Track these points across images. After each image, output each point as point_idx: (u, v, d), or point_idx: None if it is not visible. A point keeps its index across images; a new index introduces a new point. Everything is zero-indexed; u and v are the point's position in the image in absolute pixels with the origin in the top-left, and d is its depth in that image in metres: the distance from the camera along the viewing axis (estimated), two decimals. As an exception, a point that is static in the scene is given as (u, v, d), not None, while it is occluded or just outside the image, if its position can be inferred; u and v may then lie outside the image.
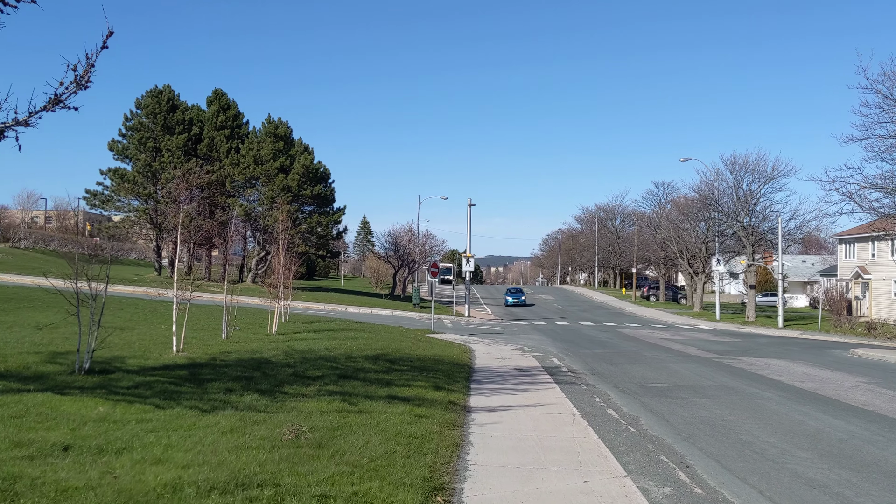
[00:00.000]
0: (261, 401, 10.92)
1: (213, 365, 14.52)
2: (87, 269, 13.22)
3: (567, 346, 28.36)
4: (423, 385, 14.00)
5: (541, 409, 12.88)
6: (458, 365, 18.53)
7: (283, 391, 11.99)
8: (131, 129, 54.41)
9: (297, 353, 17.54)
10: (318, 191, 55.92)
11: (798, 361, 24.32)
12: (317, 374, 14.18)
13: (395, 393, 12.64)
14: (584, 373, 19.71)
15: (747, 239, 50.04)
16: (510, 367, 19.55)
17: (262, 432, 8.75)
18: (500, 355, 22.93)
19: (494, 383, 16.27)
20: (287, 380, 13.19)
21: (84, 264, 13.46)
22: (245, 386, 12.19)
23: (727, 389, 17.05)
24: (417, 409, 11.16)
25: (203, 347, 17.53)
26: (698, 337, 35.42)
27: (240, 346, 18.19)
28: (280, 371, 14.22)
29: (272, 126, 56.58)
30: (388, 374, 15.18)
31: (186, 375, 13.03)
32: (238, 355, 16.37)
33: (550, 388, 15.74)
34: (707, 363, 23.03)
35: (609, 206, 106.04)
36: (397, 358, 18.09)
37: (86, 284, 13.32)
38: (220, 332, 22.13)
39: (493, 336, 31.95)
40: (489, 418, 11.67)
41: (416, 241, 71.44)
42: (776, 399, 15.79)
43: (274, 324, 23.29)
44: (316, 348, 18.94)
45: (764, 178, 49.71)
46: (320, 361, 16.10)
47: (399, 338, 24.87)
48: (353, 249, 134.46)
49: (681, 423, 12.59)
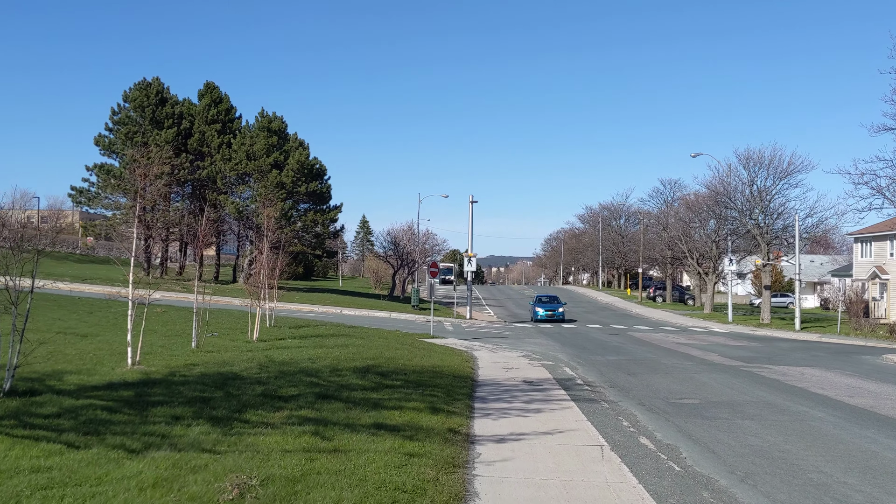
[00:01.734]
0: (211, 434, 8.67)
1: (170, 382, 12.26)
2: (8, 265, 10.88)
3: (577, 352, 26.11)
4: (417, 406, 11.74)
5: (560, 437, 10.62)
6: (459, 378, 16.27)
7: (244, 419, 9.74)
8: (118, 123, 52.22)
9: (274, 364, 15.28)
10: (314, 188, 53.65)
11: (834, 371, 22.05)
12: (291, 394, 11.92)
13: (383, 419, 10.38)
14: (602, 386, 17.46)
15: (762, 237, 47.73)
16: (518, 380, 17.30)
17: (195, 488, 6.49)
18: (507, 364, 20.69)
19: (502, 401, 14.02)
20: (253, 402, 10.93)
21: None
22: (198, 412, 9.94)
23: (769, 407, 14.79)
24: (409, 444, 8.90)
25: (166, 359, 15.27)
26: (715, 341, 33.15)
27: (210, 357, 15.92)
28: (248, 390, 11.96)
29: (266, 120, 54.32)
30: (377, 391, 12.92)
31: (130, 397, 10.77)
32: (204, 369, 14.11)
33: (567, 408, 13.48)
34: (735, 373, 20.77)
35: (613, 205, 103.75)
36: (390, 370, 15.82)
37: (14, 283, 10.99)
38: (203, 339, 19.93)
39: (496, 341, 29.69)
40: (498, 452, 9.42)
41: (416, 240, 69.11)
42: (831, 420, 13.52)
43: (255, 329, 21.03)
44: (298, 358, 16.68)
45: (780, 174, 47.41)
46: (299, 376, 13.83)
47: (394, 344, 22.61)
48: (353, 249, 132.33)
49: (731, 456, 10.32)
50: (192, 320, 26.46)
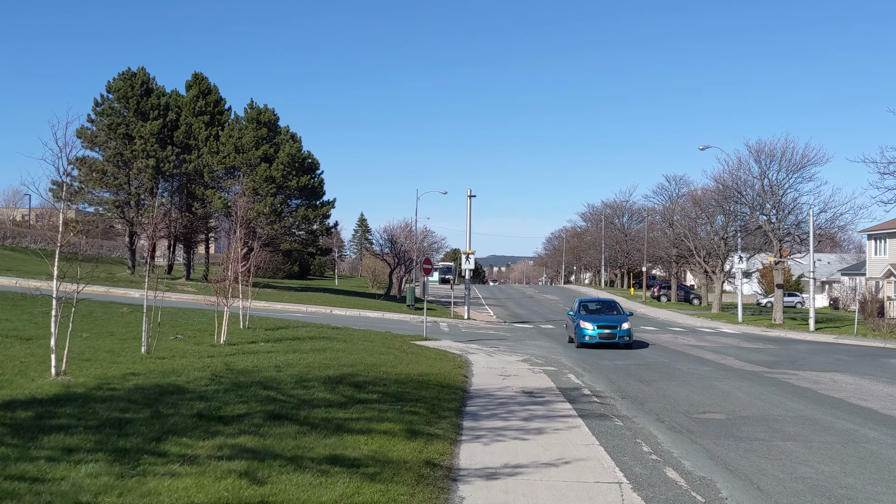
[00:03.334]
0: (101, 477, 6.48)
1: (89, 399, 10.07)
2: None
3: (582, 355, 23.91)
4: (391, 429, 9.55)
5: (567, 471, 8.43)
6: (447, 388, 14.07)
7: (160, 450, 7.56)
8: (101, 114, 50.01)
9: (231, 374, 13.09)
10: (305, 182, 51.45)
11: (868, 377, 19.84)
12: (237, 413, 9.74)
13: (342, 449, 8.20)
14: (612, 396, 15.26)
15: (774, 234, 45.51)
16: (517, 390, 15.10)
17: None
18: (504, 370, 18.50)
19: (496, 417, 11.83)
20: (182, 426, 8.74)
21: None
22: (102, 441, 7.76)
23: (810, 424, 12.59)
24: (368, 489, 6.71)
25: (104, 367, 13.08)
26: (728, 343, 30.96)
27: (158, 365, 13.73)
28: (183, 408, 9.78)
29: (255, 112, 52.11)
30: (345, 408, 10.72)
31: (27, 420, 8.59)
32: (143, 380, 11.91)
33: (574, 427, 11.29)
34: (759, 380, 18.57)
35: (616, 203, 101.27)
36: (367, 380, 13.63)
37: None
38: (161, 342, 17.79)
39: (494, 343, 27.50)
40: (488, 496, 7.24)
41: (414, 237, 66.85)
42: (888, 441, 11.32)
43: (223, 331, 18.83)
44: (263, 366, 14.49)
45: (793, 167, 45.15)
46: (255, 389, 11.64)
47: (380, 348, 20.42)
48: (351, 248, 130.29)
49: (782, 495, 8.14)
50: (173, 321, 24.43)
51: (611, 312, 28.12)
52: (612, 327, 26.12)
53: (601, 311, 28.18)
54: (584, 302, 29.65)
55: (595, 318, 26.84)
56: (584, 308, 28.48)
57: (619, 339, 25.95)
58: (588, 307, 28.78)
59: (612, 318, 27.17)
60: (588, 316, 27.27)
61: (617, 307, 28.94)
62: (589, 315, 27.42)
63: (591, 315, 27.42)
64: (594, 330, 26.07)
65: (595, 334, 25.97)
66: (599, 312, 28.02)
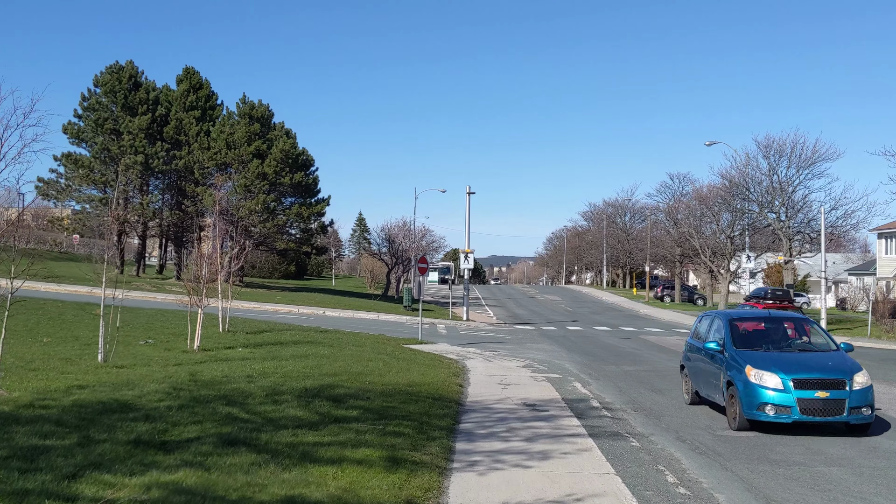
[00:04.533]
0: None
1: (14, 419, 8.52)
2: None
3: (587, 360, 22.38)
4: (369, 455, 8.01)
5: (579, 513, 6.89)
6: (440, 400, 12.52)
7: (69, 492, 6.00)
8: (88, 109, 48.49)
9: (193, 386, 11.52)
10: (299, 179, 49.87)
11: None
12: (185, 437, 8.19)
13: (303, 486, 6.64)
14: (624, 409, 13.72)
15: (784, 232, 43.94)
16: (518, 402, 13.55)
17: None
18: (504, 377, 16.94)
19: (494, 438, 10.28)
20: (111, 455, 7.18)
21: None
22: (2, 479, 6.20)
23: (852, 445, 11.02)
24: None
25: (48, 379, 11.51)
26: (740, 346, 29.36)
27: (112, 376, 12.16)
28: (121, 431, 8.22)
29: (248, 107, 50.55)
30: (317, 429, 9.17)
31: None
32: (88, 394, 10.36)
33: (585, 450, 9.74)
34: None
35: (618, 202, 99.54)
36: (349, 393, 12.07)
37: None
38: (127, 348, 16.28)
39: (494, 346, 25.93)
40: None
41: (413, 236, 65.25)
42: (949, 466, 9.79)
43: (196, 336, 17.26)
44: (233, 376, 12.93)
45: (803, 163, 43.58)
46: (215, 405, 10.08)
47: (369, 353, 18.86)
48: (350, 247, 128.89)
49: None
50: (151, 324, 22.92)
51: (804, 340, 13.27)
52: (832, 384, 11.36)
53: (782, 340, 13.19)
54: (735, 318, 13.77)
55: (782, 361, 11.90)
56: (738, 329, 13.23)
57: (849, 417, 11.34)
58: (748, 331, 13.45)
59: (819, 357, 12.44)
60: (762, 356, 12.16)
61: (810, 325, 13.79)
62: (762, 353, 12.32)
63: (766, 354, 12.32)
64: (791, 392, 11.26)
65: (793, 401, 11.23)
66: (780, 343, 13.04)
